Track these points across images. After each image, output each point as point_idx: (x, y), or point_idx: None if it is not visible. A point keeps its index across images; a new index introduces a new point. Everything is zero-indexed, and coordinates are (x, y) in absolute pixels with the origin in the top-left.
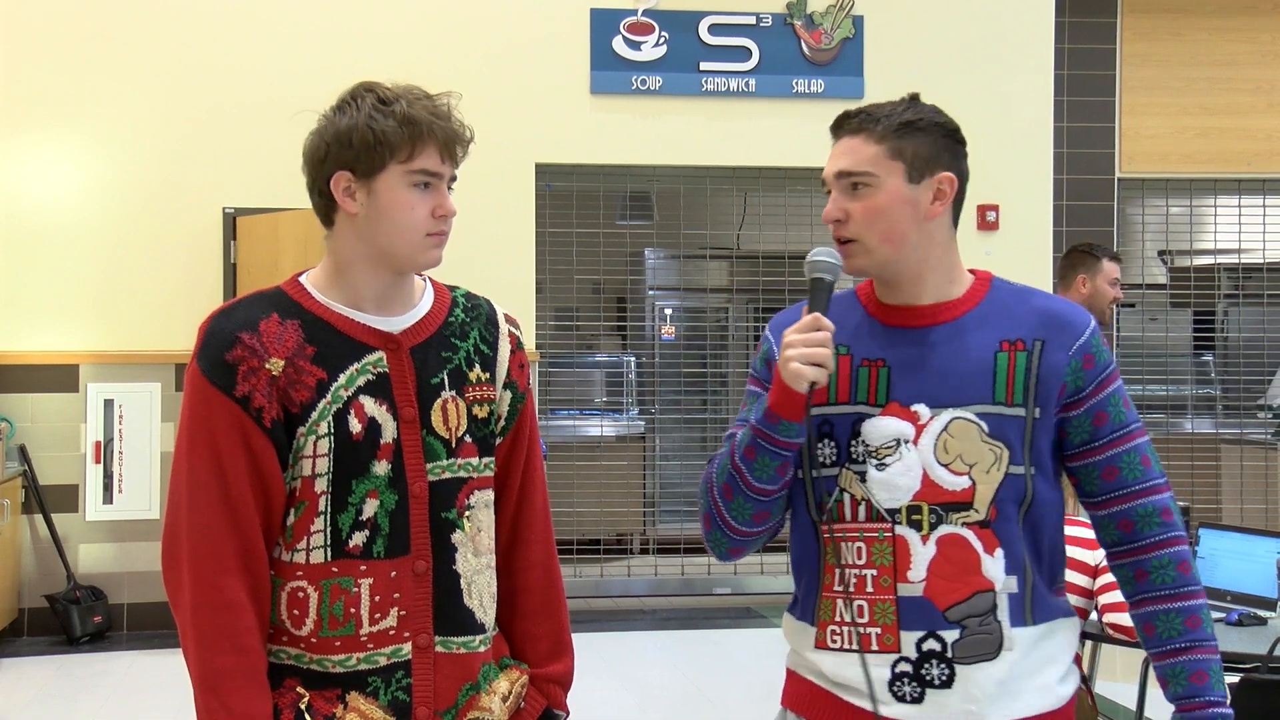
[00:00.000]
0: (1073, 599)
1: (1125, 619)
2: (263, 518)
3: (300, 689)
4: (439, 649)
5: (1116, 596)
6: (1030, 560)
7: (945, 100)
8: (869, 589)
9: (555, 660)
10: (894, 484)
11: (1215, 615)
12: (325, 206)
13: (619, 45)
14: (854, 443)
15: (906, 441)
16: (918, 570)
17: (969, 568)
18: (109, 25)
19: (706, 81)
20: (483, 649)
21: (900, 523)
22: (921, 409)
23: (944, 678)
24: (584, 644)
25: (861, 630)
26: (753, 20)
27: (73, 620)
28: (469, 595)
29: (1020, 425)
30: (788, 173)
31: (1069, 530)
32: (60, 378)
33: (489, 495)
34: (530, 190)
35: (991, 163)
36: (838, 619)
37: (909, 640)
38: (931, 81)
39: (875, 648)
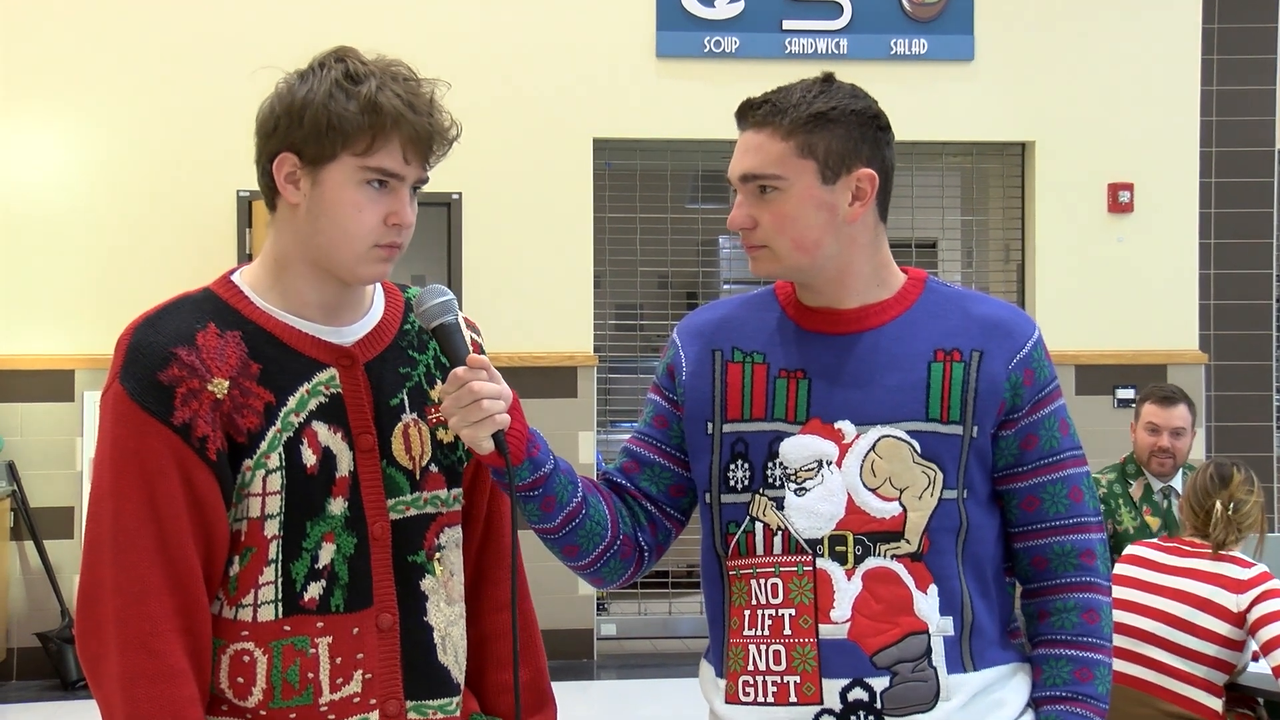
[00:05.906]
0: (1216, 650)
1: None
2: (203, 567)
3: None
4: (411, 715)
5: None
6: (973, 597)
7: (1070, 63)
8: (786, 631)
9: (536, 712)
10: (814, 510)
11: None
12: (269, 188)
13: (689, 2)
14: (770, 465)
15: (829, 463)
16: (841, 609)
17: (900, 606)
18: None
19: (790, 43)
20: (458, 712)
21: (822, 555)
22: (846, 426)
23: None
24: (649, 691)
25: (778, 680)
26: None
27: (67, 661)
28: (443, 651)
29: (956, 445)
30: None
31: (1210, 567)
32: (53, 385)
33: (459, 533)
34: (588, 169)
35: (1125, 135)
36: (750, 668)
37: (832, 689)
38: (1052, 40)
39: (794, 699)
